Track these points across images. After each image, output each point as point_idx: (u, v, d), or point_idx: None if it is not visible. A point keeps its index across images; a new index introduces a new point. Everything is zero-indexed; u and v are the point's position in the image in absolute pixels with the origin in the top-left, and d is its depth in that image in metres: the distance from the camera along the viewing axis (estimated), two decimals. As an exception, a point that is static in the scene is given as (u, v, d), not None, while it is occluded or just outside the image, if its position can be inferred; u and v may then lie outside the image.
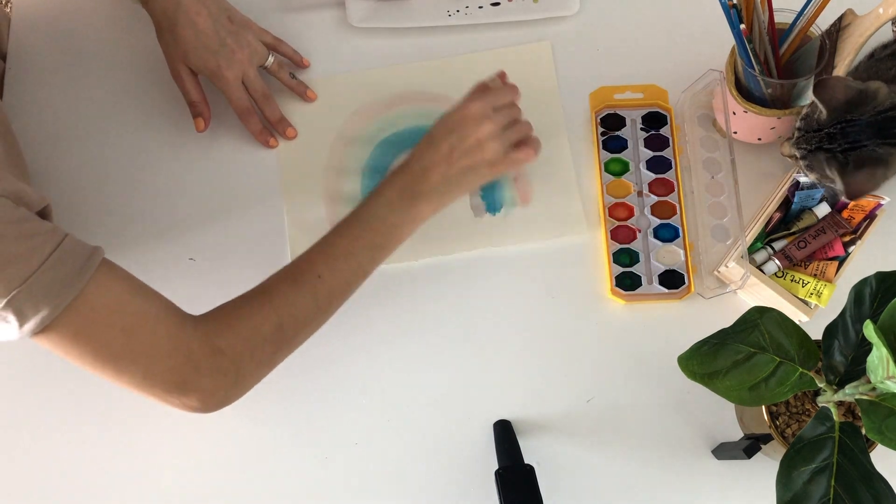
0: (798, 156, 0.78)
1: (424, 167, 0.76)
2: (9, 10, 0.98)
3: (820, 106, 0.75)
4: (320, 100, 0.93)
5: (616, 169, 0.90)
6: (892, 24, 0.77)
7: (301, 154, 0.91)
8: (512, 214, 0.88)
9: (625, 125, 0.91)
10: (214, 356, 0.68)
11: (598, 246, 0.87)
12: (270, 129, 0.92)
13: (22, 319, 0.61)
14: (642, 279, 0.86)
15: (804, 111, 0.78)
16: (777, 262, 0.82)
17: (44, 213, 0.73)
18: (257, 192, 0.90)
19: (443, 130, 0.77)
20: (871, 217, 0.83)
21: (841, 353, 0.64)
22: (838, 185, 0.75)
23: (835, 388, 0.64)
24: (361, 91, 0.93)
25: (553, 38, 0.95)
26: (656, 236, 0.87)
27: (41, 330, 0.62)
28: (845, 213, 0.83)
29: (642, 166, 0.89)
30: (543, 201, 0.88)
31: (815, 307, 0.81)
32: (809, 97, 0.79)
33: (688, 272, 0.86)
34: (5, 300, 0.59)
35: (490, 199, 0.89)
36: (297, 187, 0.90)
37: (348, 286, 0.75)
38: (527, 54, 0.94)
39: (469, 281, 0.87)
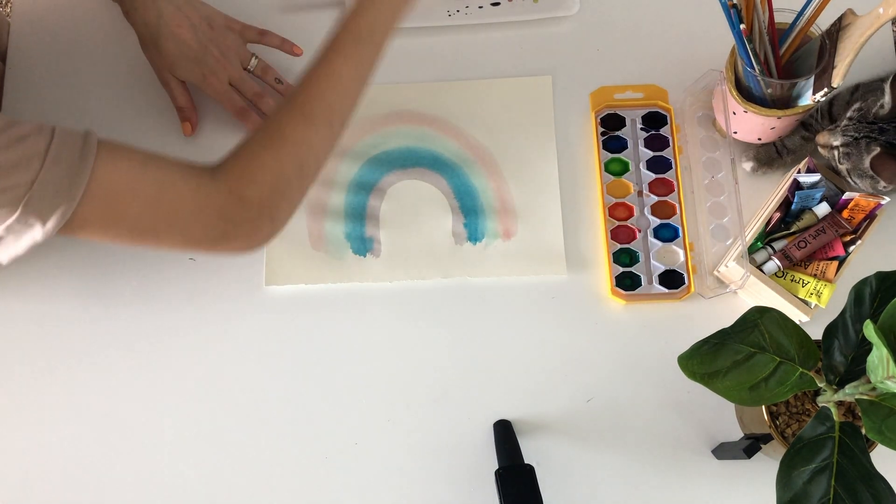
0: (840, 143, 0.80)
1: None
2: (9, 9, 0.98)
3: (887, 99, 0.78)
4: None
5: (616, 169, 0.90)
6: (893, 24, 0.77)
7: None
8: (493, 246, 0.87)
9: (625, 125, 0.91)
10: (245, 207, 0.67)
11: (599, 246, 0.87)
12: None
13: (43, 220, 0.60)
14: (642, 279, 0.86)
15: (858, 104, 0.80)
16: (777, 262, 0.82)
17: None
18: (257, 192, 0.90)
19: None
20: (871, 217, 0.83)
21: (841, 353, 0.64)
22: (867, 168, 0.78)
23: (835, 388, 0.64)
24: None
25: (553, 38, 0.95)
26: (656, 236, 0.87)
27: (65, 225, 0.61)
28: (845, 213, 0.83)
29: (642, 166, 0.89)
30: (526, 237, 0.88)
31: (815, 307, 0.81)
32: (810, 97, 0.80)
33: (688, 272, 0.86)
34: (21, 207, 0.59)
35: (472, 228, 0.88)
36: None
37: (355, 107, 0.74)
38: (527, 87, 0.93)
39: (469, 281, 0.87)
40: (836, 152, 0.81)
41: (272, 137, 0.70)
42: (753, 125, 0.84)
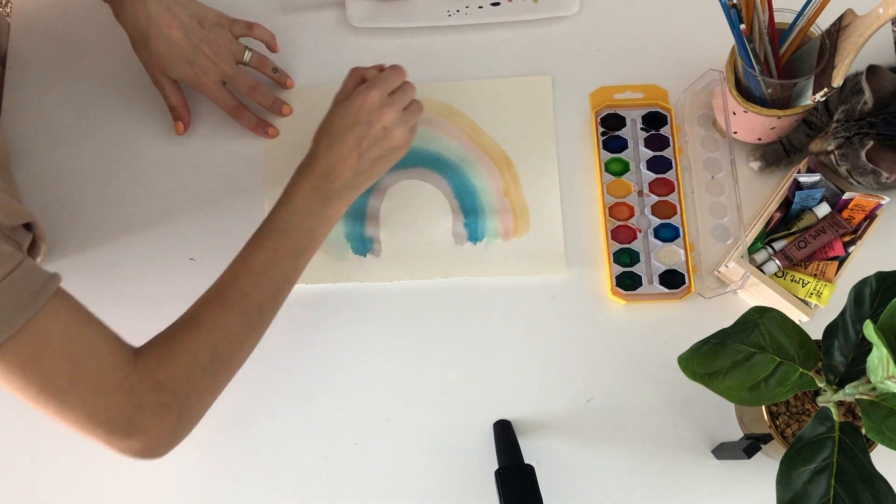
0: (833, 147, 0.80)
1: (332, 164, 0.76)
2: (9, 9, 0.98)
3: (867, 94, 0.78)
4: (312, 107, 0.93)
5: (616, 169, 0.90)
6: (892, 24, 0.77)
7: (288, 160, 0.90)
8: (493, 246, 0.88)
9: (625, 125, 0.91)
10: (156, 391, 0.65)
11: (599, 246, 0.87)
12: (267, 117, 0.91)
13: None
14: (642, 279, 0.86)
15: (842, 107, 0.81)
16: (777, 262, 0.82)
17: (29, 227, 0.71)
18: (259, 192, 0.90)
19: (345, 123, 0.76)
20: (871, 217, 0.83)
21: (841, 353, 0.64)
22: (865, 162, 0.78)
23: (835, 388, 0.64)
24: None
25: (553, 38, 0.95)
26: (656, 236, 0.87)
27: None
28: (845, 213, 0.83)
29: (642, 166, 0.89)
30: (526, 237, 0.88)
31: (815, 307, 0.81)
32: (810, 97, 0.80)
33: (688, 272, 0.86)
34: None
35: (473, 228, 0.88)
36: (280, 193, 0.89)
37: (276, 298, 0.74)
38: (527, 86, 0.93)
39: (469, 281, 0.87)
40: (832, 157, 0.81)
41: (189, 321, 0.70)
42: (754, 125, 0.84)
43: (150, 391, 0.65)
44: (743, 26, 0.76)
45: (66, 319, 0.63)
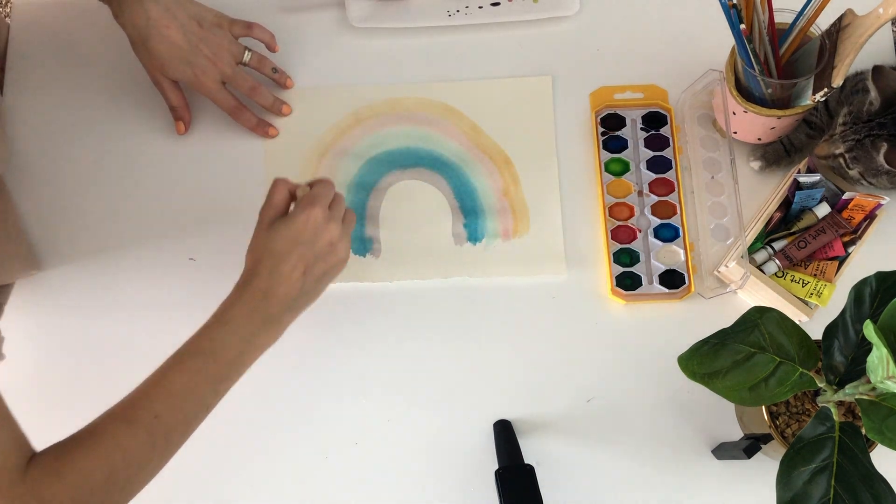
0: (843, 150, 0.80)
1: (275, 284, 0.71)
2: (8, 10, 0.98)
3: (874, 94, 0.78)
4: (313, 110, 0.93)
5: (616, 169, 0.90)
6: (892, 24, 0.77)
7: (289, 163, 0.91)
8: (493, 246, 0.87)
9: (625, 125, 0.91)
10: None
11: (599, 246, 0.87)
12: (267, 117, 0.92)
13: None
14: (642, 279, 0.86)
15: (845, 109, 0.81)
16: (777, 262, 0.82)
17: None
18: (258, 192, 0.90)
19: (287, 242, 0.71)
20: (871, 217, 0.83)
21: (841, 353, 0.64)
22: (882, 164, 0.78)
23: (835, 388, 0.64)
24: (357, 105, 0.93)
25: (553, 38, 0.95)
26: (656, 236, 0.87)
27: None
28: (845, 213, 0.83)
29: (642, 166, 0.89)
30: (526, 237, 0.88)
31: (815, 307, 0.81)
32: (810, 97, 0.80)
33: (688, 272, 0.86)
34: None
35: (472, 229, 0.88)
36: None
37: (188, 425, 0.68)
38: (527, 86, 0.93)
39: (469, 281, 0.87)
40: (841, 160, 0.81)
41: (89, 435, 0.64)
42: (753, 125, 0.84)
43: None
44: (743, 26, 0.76)
45: None
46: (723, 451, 0.80)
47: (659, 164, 0.89)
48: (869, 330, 0.54)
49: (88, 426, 0.65)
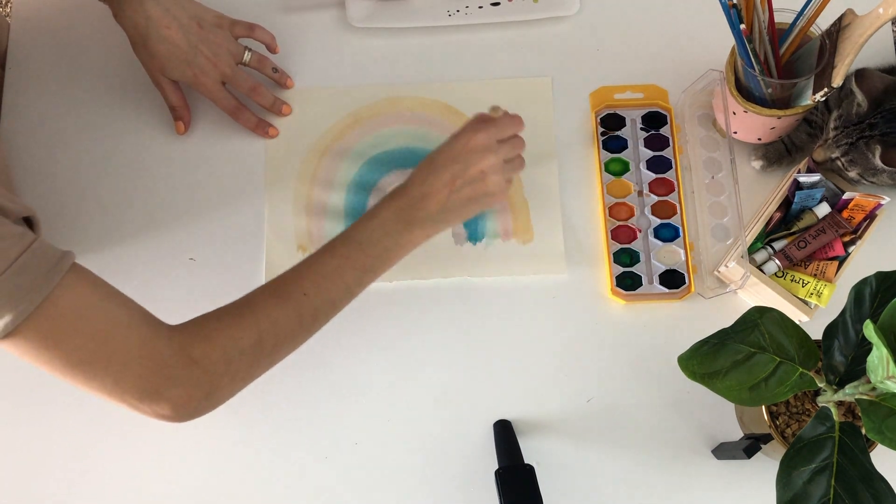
0: (839, 154, 0.80)
1: (424, 193, 0.75)
2: (8, 9, 0.98)
3: (860, 97, 0.78)
4: (313, 110, 0.93)
5: (616, 169, 0.90)
6: (893, 24, 0.77)
7: (289, 163, 0.91)
8: (493, 246, 0.88)
9: (625, 125, 0.91)
10: (188, 366, 0.66)
11: (599, 246, 0.87)
12: (267, 118, 0.92)
13: None
14: (642, 279, 0.86)
15: (835, 113, 0.81)
16: (777, 262, 0.82)
17: (30, 223, 0.72)
18: (259, 192, 0.90)
19: (446, 158, 0.76)
20: (871, 217, 0.83)
21: (841, 353, 0.64)
22: (879, 165, 0.78)
23: (835, 388, 0.64)
24: (357, 105, 0.93)
25: (553, 38, 0.95)
26: (656, 236, 0.87)
27: (6, 335, 0.60)
28: (845, 213, 0.83)
29: (642, 166, 0.89)
30: (526, 237, 0.88)
31: (815, 307, 0.81)
32: (810, 97, 0.80)
33: (688, 272, 0.86)
34: None
35: (473, 229, 0.88)
36: (280, 195, 0.89)
37: (333, 306, 0.74)
38: (527, 87, 0.93)
39: (469, 281, 0.87)
40: (839, 163, 0.81)
41: (240, 304, 0.71)
42: (754, 125, 0.84)
43: (183, 365, 0.66)
44: (743, 26, 0.76)
45: (84, 295, 0.64)
46: (723, 451, 0.80)
47: (659, 164, 0.89)
48: (869, 330, 0.54)
49: (240, 299, 0.71)
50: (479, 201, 0.77)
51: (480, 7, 0.95)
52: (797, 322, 0.65)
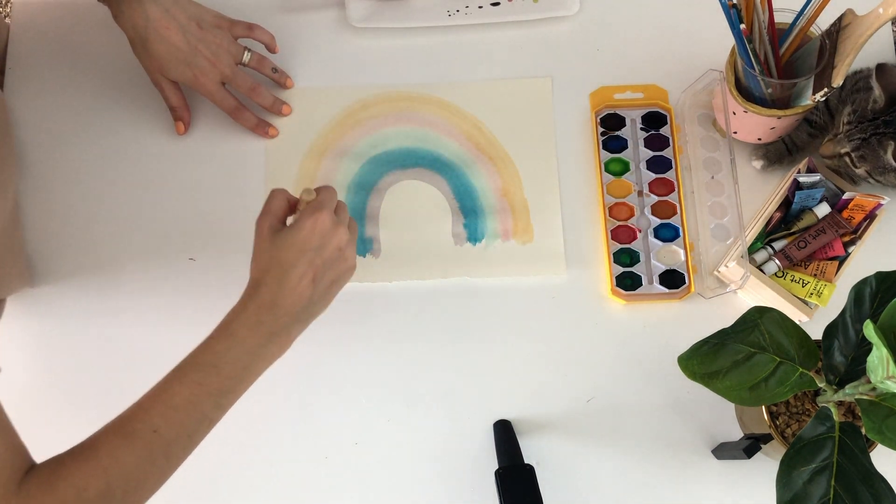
0: (850, 149, 0.80)
1: (282, 296, 0.68)
2: (8, 9, 0.98)
3: (878, 92, 0.78)
4: (313, 110, 0.93)
5: (616, 169, 0.90)
6: (892, 23, 0.77)
7: (289, 163, 0.91)
8: (493, 247, 0.87)
9: (625, 125, 0.91)
10: None
11: (599, 246, 0.87)
12: (267, 118, 0.92)
13: None
14: (642, 279, 0.86)
15: (848, 108, 0.81)
16: (777, 262, 0.82)
17: None
18: (259, 192, 0.90)
19: (293, 252, 0.68)
20: (871, 217, 0.83)
21: (841, 353, 0.64)
22: (891, 163, 0.79)
23: (835, 388, 0.64)
24: (357, 105, 0.93)
25: (553, 38, 0.95)
26: (656, 236, 0.87)
27: None
28: (845, 213, 0.83)
29: (642, 166, 0.89)
30: (526, 237, 0.88)
31: (815, 307, 0.81)
32: (810, 97, 0.80)
33: (688, 272, 0.86)
34: None
35: (473, 229, 0.88)
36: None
37: (190, 439, 0.65)
38: (527, 87, 0.93)
39: (469, 281, 0.87)
40: (847, 159, 0.81)
41: (84, 447, 0.62)
42: (754, 125, 0.84)
43: None
44: (743, 26, 0.76)
45: None
46: (723, 451, 0.80)
47: (659, 164, 0.89)
48: (869, 330, 0.54)
49: (86, 440, 0.63)
50: (340, 281, 0.72)
51: (480, 7, 0.95)
52: (797, 322, 0.65)
